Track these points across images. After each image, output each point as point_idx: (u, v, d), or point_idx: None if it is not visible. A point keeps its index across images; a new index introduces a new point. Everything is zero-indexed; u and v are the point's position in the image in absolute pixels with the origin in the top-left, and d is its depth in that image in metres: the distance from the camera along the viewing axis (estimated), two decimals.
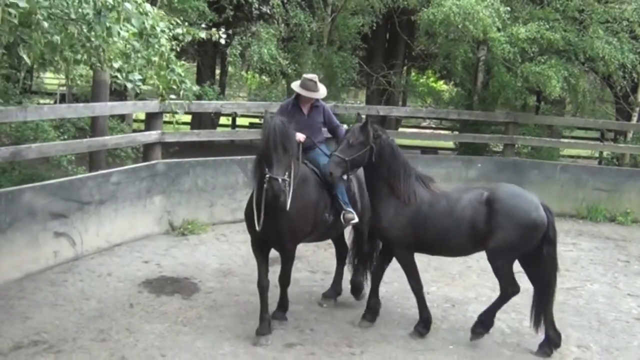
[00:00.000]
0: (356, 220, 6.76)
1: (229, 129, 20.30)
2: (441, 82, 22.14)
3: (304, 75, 7.08)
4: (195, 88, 6.68)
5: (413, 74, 19.75)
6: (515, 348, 6.56)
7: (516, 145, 13.81)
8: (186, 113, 16.66)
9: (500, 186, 6.77)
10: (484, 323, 6.61)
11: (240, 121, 22.46)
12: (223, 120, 21.91)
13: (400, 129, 19.27)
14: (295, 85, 7.01)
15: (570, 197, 12.82)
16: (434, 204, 6.46)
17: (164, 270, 8.23)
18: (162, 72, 5.87)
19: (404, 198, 6.41)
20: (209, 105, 12.05)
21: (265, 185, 5.82)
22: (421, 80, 20.23)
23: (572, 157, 19.20)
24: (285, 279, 6.66)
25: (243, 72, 12.95)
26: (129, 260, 8.51)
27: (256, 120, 21.49)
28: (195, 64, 20.15)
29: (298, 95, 7.00)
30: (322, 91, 7.09)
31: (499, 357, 6.35)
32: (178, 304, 7.19)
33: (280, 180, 5.77)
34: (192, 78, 19.06)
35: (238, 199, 10.56)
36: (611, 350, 6.68)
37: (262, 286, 6.44)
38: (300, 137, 6.62)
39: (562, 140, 15.93)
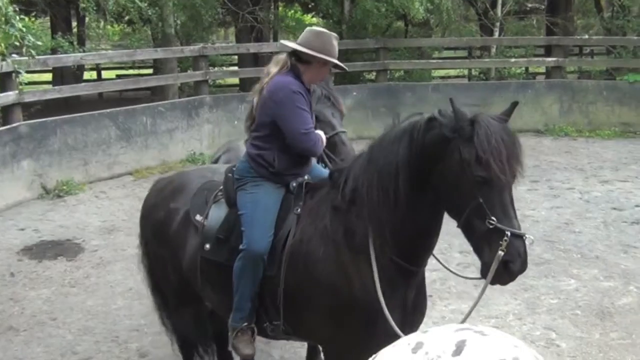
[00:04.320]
0: None
1: None
2: (309, 15, 22.01)
3: (317, 29, 3.83)
4: (40, 43, 6.21)
5: (280, 8, 19.47)
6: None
7: (388, 70, 14.03)
8: (44, 71, 15.76)
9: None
10: None
11: (106, 74, 21.48)
12: (87, 76, 20.94)
13: None
14: (312, 49, 3.62)
15: None
16: None
17: (43, 235, 7.84)
18: (2, 27, 5.45)
19: None
20: (68, 58, 11.34)
21: (500, 252, 2.90)
22: (290, 14, 20.00)
23: (443, 77, 19.81)
24: None
25: (101, 22, 12.25)
26: (2, 230, 8.02)
27: (123, 72, 20.55)
28: (48, 18, 18.95)
29: (297, 68, 3.67)
30: None
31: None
32: (63, 267, 6.90)
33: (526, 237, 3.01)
34: (46, 33, 17.97)
35: (113, 153, 10.23)
36: None
37: None
38: (323, 137, 3.81)
39: (431, 61, 16.35)
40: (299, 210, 3.55)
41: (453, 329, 1.79)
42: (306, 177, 3.69)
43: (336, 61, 3.68)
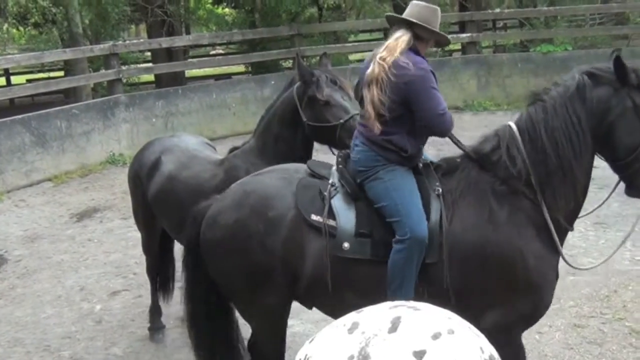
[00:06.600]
0: None
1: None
2: (220, 7, 21.72)
3: (427, 4, 3.70)
4: None
5: (191, 0, 19.16)
6: None
7: (305, 57, 14.02)
8: None
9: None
10: None
11: (16, 80, 20.64)
12: None
13: (189, 60, 18.80)
14: (433, 27, 3.62)
15: None
16: None
17: None
18: None
19: None
20: None
21: None
22: (200, 6, 19.71)
23: (360, 60, 19.93)
24: None
25: (4, 25, 11.75)
26: None
27: (33, 76, 19.80)
28: None
29: (416, 46, 3.59)
30: None
31: None
32: None
33: None
34: None
35: (29, 160, 9.88)
36: None
37: None
38: None
39: (347, 44, 16.44)
40: (440, 190, 3.43)
41: (387, 306, 1.82)
42: (425, 155, 3.63)
43: (447, 36, 3.79)
